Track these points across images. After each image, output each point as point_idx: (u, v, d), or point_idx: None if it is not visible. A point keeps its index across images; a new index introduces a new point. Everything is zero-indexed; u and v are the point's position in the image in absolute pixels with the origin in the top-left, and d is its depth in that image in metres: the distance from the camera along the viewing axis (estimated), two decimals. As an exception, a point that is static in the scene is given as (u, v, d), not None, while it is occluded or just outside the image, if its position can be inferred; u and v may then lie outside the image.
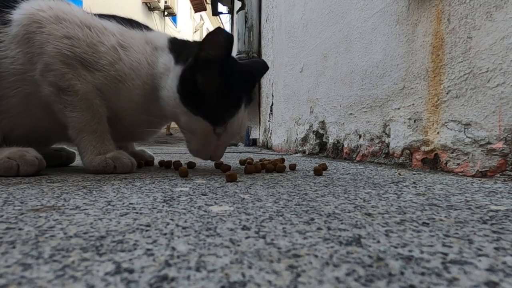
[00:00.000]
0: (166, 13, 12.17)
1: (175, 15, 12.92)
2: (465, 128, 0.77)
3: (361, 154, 1.21)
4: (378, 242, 0.27)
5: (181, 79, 0.75)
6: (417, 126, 0.93)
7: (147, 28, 0.88)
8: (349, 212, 0.38)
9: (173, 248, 0.26)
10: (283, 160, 1.03)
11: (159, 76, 0.80)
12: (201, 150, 0.80)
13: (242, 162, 1.10)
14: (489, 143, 0.71)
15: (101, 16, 0.84)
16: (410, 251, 0.25)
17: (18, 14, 0.73)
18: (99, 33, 0.77)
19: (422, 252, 0.25)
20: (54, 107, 0.76)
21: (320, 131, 1.58)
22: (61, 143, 1.01)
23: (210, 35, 0.72)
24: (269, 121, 2.75)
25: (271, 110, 2.66)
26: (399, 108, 1.01)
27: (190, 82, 0.74)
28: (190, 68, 0.74)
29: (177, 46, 0.83)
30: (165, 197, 0.47)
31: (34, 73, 0.74)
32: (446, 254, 0.25)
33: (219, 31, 0.71)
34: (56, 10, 0.76)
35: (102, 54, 0.76)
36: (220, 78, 0.74)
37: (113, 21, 0.82)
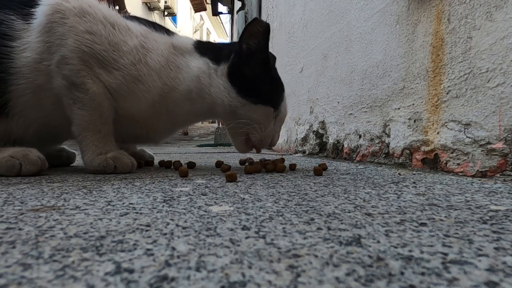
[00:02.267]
0: (166, 13, 12.17)
1: (175, 15, 12.91)
2: (465, 128, 0.77)
3: (361, 154, 1.21)
4: (378, 242, 0.27)
5: (231, 74, 0.80)
6: (417, 126, 0.93)
7: (169, 32, 0.88)
8: (349, 212, 0.38)
9: (173, 248, 0.26)
10: (283, 160, 1.03)
11: (193, 78, 0.81)
12: (265, 138, 0.85)
13: (242, 162, 1.10)
14: (489, 143, 0.71)
15: (124, 16, 0.84)
16: (410, 251, 0.25)
17: (42, 5, 0.74)
18: (123, 32, 0.77)
19: (422, 252, 0.25)
20: (63, 101, 0.75)
21: (320, 131, 1.58)
22: (71, 141, 1.01)
23: (248, 26, 0.78)
24: (269, 121, 2.75)
25: (271, 110, 2.66)
26: (399, 108, 1.01)
27: (241, 76, 0.80)
28: (236, 63, 0.80)
29: (207, 49, 0.85)
30: (165, 197, 0.47)
31: (50, 63, 0.73)
32: (446, 254, 0.25)
33: (256, 22, 0.78)
34: (81, 1, 0.75)
35: (123, 53, 0.76)
36: (265, 65, 0.82)
37: (136, 22, 0.83)
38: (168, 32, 0.87)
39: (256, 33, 0.78)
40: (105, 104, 0.76)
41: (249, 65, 0.80)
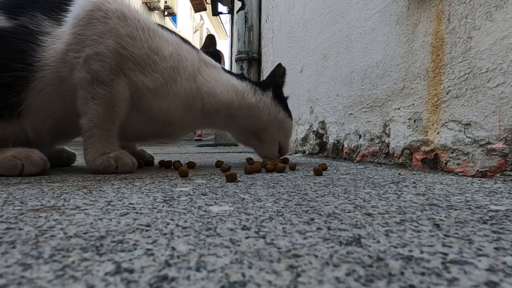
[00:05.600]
0: (166, 13, 12.16)
1: (175, 15, 12.90)
2: (465, 128, 0.77)
3: (361, 154, 1.21)
4: (378, 242, 0.27)
5: (276, 99, 1.06)
6: (417, 126, 0.93)
7: (192, 45, 0.96)
8: (349, 212, 0.38)
9: (173, 248, 0.26)
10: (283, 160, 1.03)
11: (237, 93, 0.97)
12: (288, 143, 1.13)
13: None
14: (489, 143, 0.71)
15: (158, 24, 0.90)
16: (410, 251, 0.25)
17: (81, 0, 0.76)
18: (161, 39, 0.82)
19: (422, 252, 0.25)
20: (78, 93, 0.75)
21: (320, 131, 1.58)
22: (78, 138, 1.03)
23: (277, 70, 1.12)
24: (269, 121, 2.75)
25: (271, 110, 2.65)
26: (399, 108, 1.01)
27: (281, 99, 1.09)
28: (275, 91, 1.08)
29: (241, 75, 1.06)
30: (165, 197, 0.47)
31: (78, 55, 0.74)
32: (446, 254, 0.25)
33: (281, 66, 1.13)
34: (121, 5, 0.78)
35: (164, 57, 0.81)
36: (282, 92, 1.13)
37: (167, 31, 0.88)
38: (192, 45, 0.95)
39: (281, 73, 1.13)
40: (121, 105, 0.77)
41: (280, 92, 1.10)
